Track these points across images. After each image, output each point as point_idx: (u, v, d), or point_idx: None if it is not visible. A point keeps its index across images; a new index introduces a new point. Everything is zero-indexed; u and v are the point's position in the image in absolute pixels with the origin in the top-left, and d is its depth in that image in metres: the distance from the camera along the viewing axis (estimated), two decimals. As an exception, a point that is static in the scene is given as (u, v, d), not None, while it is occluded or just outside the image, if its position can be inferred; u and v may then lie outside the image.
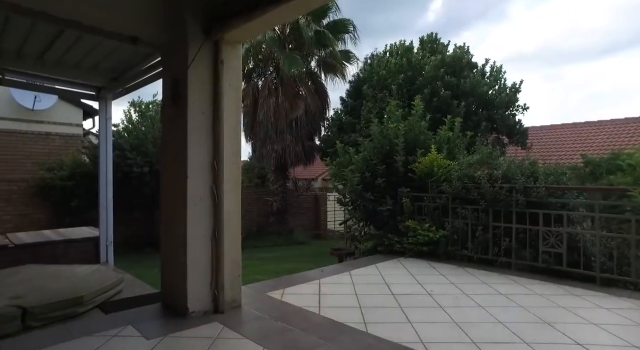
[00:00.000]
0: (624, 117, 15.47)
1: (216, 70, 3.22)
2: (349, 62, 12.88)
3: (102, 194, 5.88)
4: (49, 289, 3.88)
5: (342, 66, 12.77)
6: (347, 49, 12.92)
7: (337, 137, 11.16)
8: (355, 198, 6.02)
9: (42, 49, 4.54)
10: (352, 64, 12.89)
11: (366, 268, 4.92)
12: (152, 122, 10.13)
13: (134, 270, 6.96)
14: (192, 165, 3.10)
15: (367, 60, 12.53)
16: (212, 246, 3.22)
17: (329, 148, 11.13)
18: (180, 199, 3.11)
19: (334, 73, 13.01)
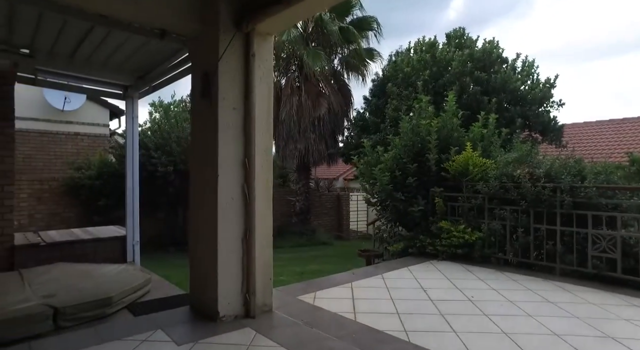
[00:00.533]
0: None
1: (247, 64, 3.08)
2: (373, 59, 12.62)
3: (129, 193, 5.87)
4: (79, 289, 3.86)
5: (366, 64, 12.52)
6: (370, 47, 12.67)
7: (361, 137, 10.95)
8: (385, 198, 5.80)
9: (73, 47, 4.55)
10: (375, 62, 12.62)
11: (399, 271, 4.70)
12: (176, 121, 10.17)
13: (160, 270, 6.96)
14: (223, 163, 2.97)
15: (391, 58, 12.24)
16: (244, 248, 3.08)
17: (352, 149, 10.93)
18: (211, 198, 2.98)
19: (357, 71, 12.78)
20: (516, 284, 4.11)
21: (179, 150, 9.05)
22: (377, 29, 12.13)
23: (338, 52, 12.59)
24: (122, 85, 5.81)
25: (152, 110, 12.08)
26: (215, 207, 2.93)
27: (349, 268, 8.69)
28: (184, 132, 9.47)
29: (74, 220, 9.43)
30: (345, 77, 12.99)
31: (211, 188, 2.99)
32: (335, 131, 12.56)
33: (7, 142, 4.93)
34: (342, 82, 12.87)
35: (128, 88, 5.77)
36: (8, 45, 4.46)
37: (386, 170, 5.82)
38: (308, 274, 7.65)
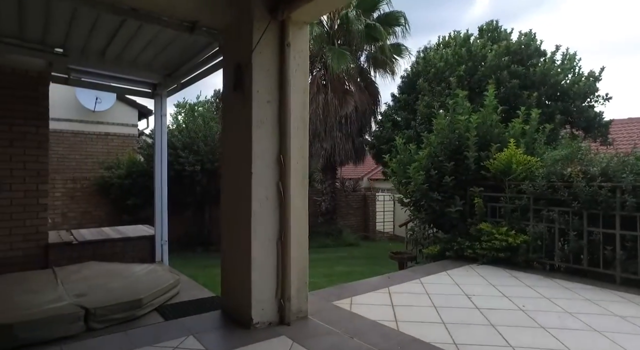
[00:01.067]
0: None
1: (282, 54, 2.90)
2: (400, 55, 12.27)
3: (157, 192, 5.83)
4: (109, 289, 3.80)
5: (393, 61, 12.19)
6: (398, 42, 12.33)
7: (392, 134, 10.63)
8: (420, 198, 5.52)
9: (103, 45, 4.53)
10: (403, 58, 12.28)
11: (437, 275, 4.42)
12: (203, 120, 10.19)
13: (187, 270, 6.92)
14: (257, 160, 2.79)
15: (419, 54, 11.85)
16: (278, 250, 2.90)
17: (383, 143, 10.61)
18: (244, 198, 2.82)
19: (384, 68, 12.46)
20: (571, 292, 3.75)
21: (206, 149, 9.03)
22: (405, 25, 11.79)
23: (364, 49, 12.31)
24: (150, 84, 5.79)
25: (177, 111, 12.26)
26: (249, 207, 2.76)
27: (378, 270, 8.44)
28: (211, 131, 9.46)
29: (104, 218, 9.59)
30: (372, 74, 12.71)
31: (244, 187, 2.82)
32: (362, 130, 12.28)
33: (41, 142, 4.96)
34: (369, 80, 12.59)
35: (156, 86, 5.74)
36: (43, 45, 4.49)
37: (420, 169, 5.53)
38: (336, 275, 7.45)
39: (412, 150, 6.14)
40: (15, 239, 4.80)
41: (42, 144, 4.98)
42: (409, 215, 6.48)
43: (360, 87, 12.16)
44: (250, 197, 2.76)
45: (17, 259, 4.82)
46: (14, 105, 4.76)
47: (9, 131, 4.74)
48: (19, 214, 4.84)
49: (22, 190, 4.87)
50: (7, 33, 4.19)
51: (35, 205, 4.97)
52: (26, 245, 4.89)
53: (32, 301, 3.47)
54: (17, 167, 4.79)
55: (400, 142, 6.27)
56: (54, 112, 5.12)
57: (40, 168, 4.99)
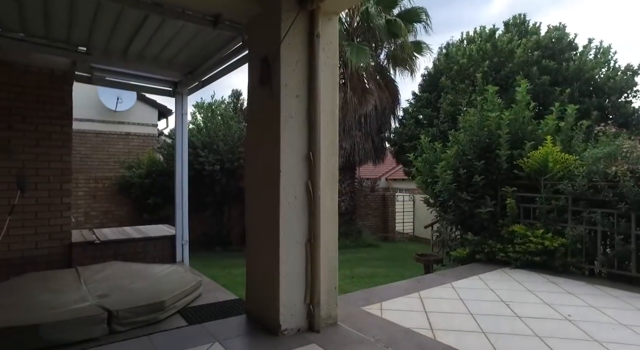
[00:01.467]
0: None
1: (311, 46, 2.75)
2: (421, 53, 11.97)
3: (178, 192, 5.77)
4: (132, 290, 3.73)
5: (413, 58, 11.90)
6: (418, 40, 12.03)
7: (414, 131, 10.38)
8: (448, 198, 5.29)
9: (125, 43, 4.49)
10: (424, 55, 11.96)
11: (469, 280, 4.19)
12: (222, 119, 10.15)
13: (207, 271, 6.86)
14: (286, 157, 2.65)
15: (441, 51, 11.54)
16: (307, 253, 2.75)
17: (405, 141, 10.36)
18: (272, 197, 2.68)
19: (404, 66, 12.17)
20: (619, 301, 3.48)
21: (225, 148, 8.98)
22: (426, 21, 11.49)
23: (384, 46, 12.07)
24: (171, 82, 5.75)
25: (194, 111, 12.28)
26: (277, 207, 2.63)
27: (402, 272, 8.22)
28: (230, 130, 9.41)
29: (125, 218, 9.67)
30: (392, 72, 12.44)
31: (272, 186, 2.68)
32: (382, 129, 12.04)
33: (65, 141, 4.96)
34: (389, 78, 12.33)
35: (177, 84, 5.69)
36: (68, 44, 4.49)
37: (448, 168, 5.31)
38: (358, 277, 7.27)
39: (438, 148, 5.91)
40: (41, 238, 4.81)
41: (66, 143, 4.98)
42: (435, 216, 6.25)
43: (379, 85, 11.92)
44: (278, 197, 2.63)
45: (42, 257, 4.83)
46: (40, 104, 4.78)
47: (35, 131, 4.76)
48: (43, 213, 4.85)
49: (46, 189, 4.88)
50: (34, 33, 4.21)
51: (59, 204, 4.98)
52: (50, 244, 4.89)
53: (55, 301, 3.44)
54: (42, 166, 4.81)
55: (426, 141, 6.05)
56: (76, 113, 5.13)
57: (64, 167, 4.99)
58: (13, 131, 4.60)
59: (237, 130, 9.48)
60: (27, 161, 4.70)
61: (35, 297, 3.52)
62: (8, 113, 4.58)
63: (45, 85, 4.81)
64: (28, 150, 4.71)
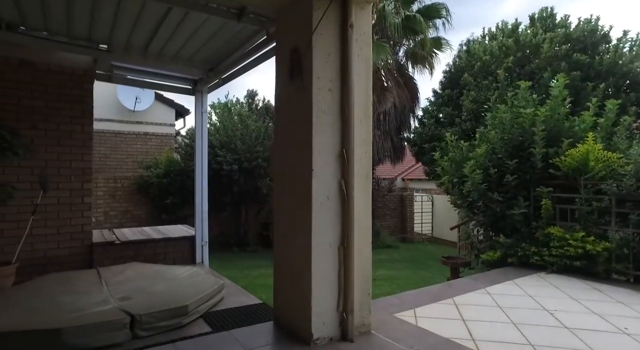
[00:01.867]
0: None
1: (344, 37, 2.58)
2: (441, 49, 11.67)
3: (198, 192, 5.68)
4: (153, 293, 3.64)
5: (433, 55, 11.61)
6: (438, 36, 11.74)
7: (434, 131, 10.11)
8: (477, 199, 5.05)
9: (146, 40, 4.42)
10: (444, 52, 11.66)
11: (504, 285, 3.96)
12: (240, 118, 10.07)
13: (226, 272, 6.77)
14: (318, 155, 2.49)
15: (461, 47, 11.21)
16: (340, 257, 2.58)
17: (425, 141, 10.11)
18: (303, 198, 2.52)
19: (423, 64, 11.89)
20: (674, 310, 3.20)
21: (243, 148, 8.88)
22: (447, 17, 11.19)
23: (403, 43, 11.81)
24: (191, 80, 5.67)
25: (210, 111, 12.22)
26: (309, 208, 2.47)
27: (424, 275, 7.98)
28: (247, 129, 9.31)
29: (144, 218, 9.68)
30: (411, 70, 12.17)
31: (303, 186, 2.52)
32: (401, 127, 11.78)
33: (86, 140, 4.92)
34: (407, 76, 12.07)
35: (197, 82, 5.60)
36: (89, 42, 4.44)
37: (477, 168, 5.07)
38: (380, 280, 7.07)
39: (465, 147, 5.67)
40: (62, 237, 4.78)
41: (87, 142, 4.94)
42: (461, 218, 6.01)
43: (398, 83, 11.67)
44: (310, 197, 2.47)
45: (64, 257, 4.80)
46: (61, 103, 4.74)
47: (57, 130, 4.72)
48: (65, 212, 4.81)
49: (68, 189, 4.84)
50: (57, 31, 4.18)
51: (80, 204, 4.94)
52: (72, 244, 4.86)
53: (78, 303, 3.36)
54: (64, 166, 4.77)
55: (452, 139, 5.81)
56: (95, 112, 5.09)
57: (84, 166, 4.95)
58: (36, 130, 4.57)
59: (255, 129, 9.37)
60: (49, 160, 4.67)
61: (57, 299, 3.45)
62: (31, 112, 4.55)
63: (67, 84, 4.77)
64: (50, 149, 4.68)
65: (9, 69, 4.44)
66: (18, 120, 4.42)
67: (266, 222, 9.92)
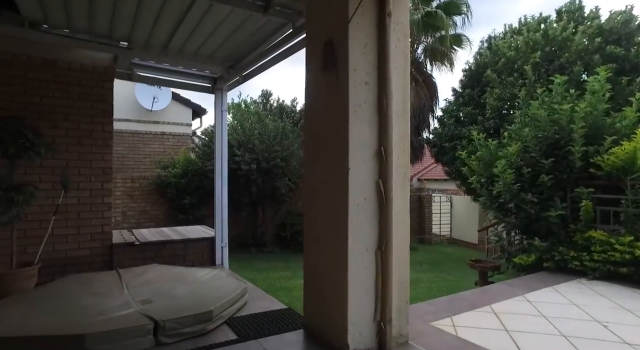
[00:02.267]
0: None
1: (382, 26, 2.41)
2: (461, 46, 11.39)
3: (218, 193, 5.57)
4: (175, 296, 3.53)
5: (452, 52, 11.31)
6: (458, 33, 11.44)
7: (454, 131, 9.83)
8: (508, 200, 4.80)
9: (167, 37, 4.34)
10: (464, 49, 11.38)
11: (543, 292, 3.72)
12: (258, 117, 9.95)
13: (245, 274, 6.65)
14: (355, 153, 2.32)
15: (482, 44, 10.88)
16: (377, 262, 2.40)
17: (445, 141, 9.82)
18: (339, 198, 2.35)
19: (442, 61, 11.62)
20: None
21: (261, 147, 8.75)
22: (467, 13, 10.90)
23: (421, 40, 11.55)
24: (210, 78, 5.57)
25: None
26: (345, 209, 2.29)
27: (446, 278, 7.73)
28: (266, 128, 9.18)
29: (161, 218, 9.65)
30: (429, 68, 11.90)
31: (338, 186, 2.35)
32: (420, 127, 11.53)
33: (106, 139, 4.86)
34: (426, 74, 11.80)
35: (217, 80, 5.50)
36: (110, 39, 4.38)
37: (508, 167, 4.82)
38: (402, 284, 6.84)
39: (493, 146, 5.42)
40: (83, 238, 4.72)
41: (107, 142, 4.87)
42: (489, 219, 5.75)
43: (417, 81, 11.41)
44: (346, 199, 2.29)
45: (84, 258, 4.74)
46: (82, 102, 4.69)
47: (77, 129, 4.67)
48: (85, 213, 4.75)
49: (88, 189, 4.78)
50: (79, 28, 4.14)
51: (100, 204, 4.87)
52: (92, 244, 4.80)
53: (100, 306, 3.27)
54: (84, 166, 4.71)
55: (480, 137, 5.57)
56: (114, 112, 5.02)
57: (105, 166, 4.89)
58: (57, 129, 4.52)
59: (273, 128, 9.24)
60: (69, 160, 4.62)
61: (79, 302, 3.37)
62: (52, 111, 4.51)
63: (87, 82, 4.71)
64: (71, 149, 4.62)
65: (32, 68, 4.40)
66: (39, 119, 4.37)
67: (283, 222, 9.79)
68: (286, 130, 9.44)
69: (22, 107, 4.33)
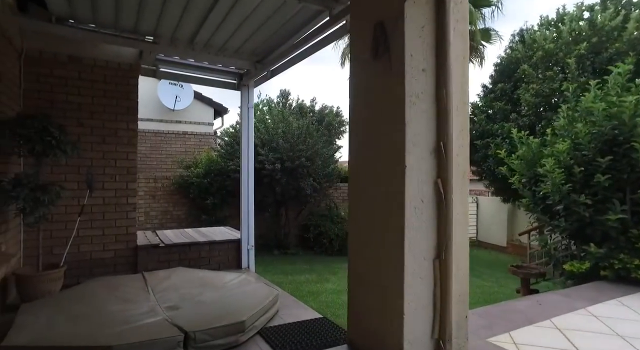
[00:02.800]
0: None
1: (440, 6, 2.12)
2: (489, 41, 10.92)
3: (244, 193, 5.38)
4: (203, 302, 3.35)
5: (481, 47, 10.85)
6: (487, 27, 10.97)
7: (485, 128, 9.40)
8: (558, 201, 4.42)
9: (193, 30, 4.17)
10: (493, 44, 10.90)
11: (607, 305, 3.35)
12: (282, 115, 9.75)
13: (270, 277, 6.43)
14: (412, 149, 2.04)
15: (514, 38, 10.37)
16: (436, 272, 2.12)
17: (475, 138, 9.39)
18: (393, 201, 2.08)
19: (470, 55, 11.14)
20: None
21: (285, 146, 8.53)
22: (497, 4, 10.42)
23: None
24: (236, 74, 5.39)
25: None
26: (401, 214, 2.02)
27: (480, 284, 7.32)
28: (289, 126, 8.95)
29: (183, 218, 9.56)
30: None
31: (393, 186, 2.09)
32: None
33: (131, 138, 4.73)
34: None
35: (243, 76, 5.31)
36: (135, 34, 4.24)
37: (557, 167, 4.44)
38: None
39: (535, 144, 5.03)
40: (107, 240, 4.60)
41: (132, 140, 4.74)
42: (531, 223, 5.36)
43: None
44: (402, 201, 2.02)
45: (109, 260, 4.62)
46: (106, 99, 4.57)
47: (102, 127, 4.55)
48: (110, 213, 4.63)
49: (112, 189, 4.66)
50: (104, 23, 4.00)
51: (125, 204, 4.75)
52: (117, 246, 4.67)
53: (126, 312, 3.11)
54: (109, 165, 4.59)
55: (521, 135, 5.20)
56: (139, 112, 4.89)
57: (129, 165, 4.76)
58: (82, 128, 4.41)
59: (298, 127, 9.01)
60: (94, 159, 4.50)
61: (105, 307, 3.21)
62: (78, 109, 4.40)
63: (112, 79, 4.59)
64: (96, 147, 4.51)
65: (58, 65, 4.30)
66: (65, 118, 4.26)
67: (307, 224, 9.56)
68: (310, 128, 9.19)
69: (48, 104, 4.23)
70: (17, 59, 4.04)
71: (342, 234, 9.08)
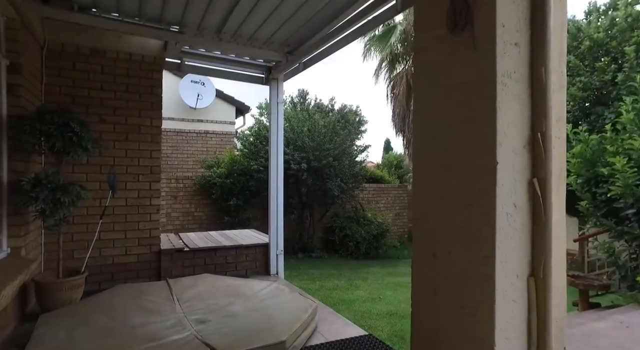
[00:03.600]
0: None
1: (536, -35, 1.71)
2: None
3: (273, 195, 5.05)
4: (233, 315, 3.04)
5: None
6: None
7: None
8: (630, 205, 3.91)
9: (222, 18, 3.86)
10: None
11: (703, 328, 2.85)
12: (308, 113, 9.41)
13: (297, 282, 6.09)
14: (504, 141, 1.65)
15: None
16: (531, 294, 1.71)
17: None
18: (479, 205, 1.69)
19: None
20: None
21: (311, 145, 8.17)
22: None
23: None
24: (264, 67, 5.07)
25: (260, 111, 11.62)
26: (492, 221, 1.63)
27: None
28: (315, 125, 8.59)
29: (205, 219, 9.32)
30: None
31: (479, 187, 1.69)
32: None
33: (155, 135, 4.46)
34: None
35: (272, 69, 4.98)
36: (160, 23, 3.97)
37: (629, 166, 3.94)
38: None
39: (595, 141, 4.53)
40: (130, 243, 4.34)
41: (155, 138, 4.47)
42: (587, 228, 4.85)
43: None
44: (493, 205, 1.62)
45: (132, 265, 4.36)
46: (129, 94, 4.31)
47: (125, 124, 4.29)
48: (133, 215, 4.37)
49: (135, 189, 4.39)
50: (129, 12, 3.74)
51: (148, 206, 4.48)
52: (139, 250, 4.41)
53: (152, 326, 2.81)
54: (132, 164, 4.32)
55: (579, 131, 4.70)
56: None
57: (153, 164, 4.48)
58: (104, 124, 4.16)
59: (324, 125, 8.64)
60: (117, 157, 4.25)
61: (129, 319, 2.92)
62: (100, 104, 4.15)
63: (136, 73, 4.33)
64: (118, 145, 4.25)
65: (80, 58, 4.07)
66: (87, 114, 4.02)
67: (332, 226, 9.19)
68: (337, 127, 8.81)
69: (69, 100, 4.00)
70: (39, 52, 3.82)
71: (368, 237, 8.66)
